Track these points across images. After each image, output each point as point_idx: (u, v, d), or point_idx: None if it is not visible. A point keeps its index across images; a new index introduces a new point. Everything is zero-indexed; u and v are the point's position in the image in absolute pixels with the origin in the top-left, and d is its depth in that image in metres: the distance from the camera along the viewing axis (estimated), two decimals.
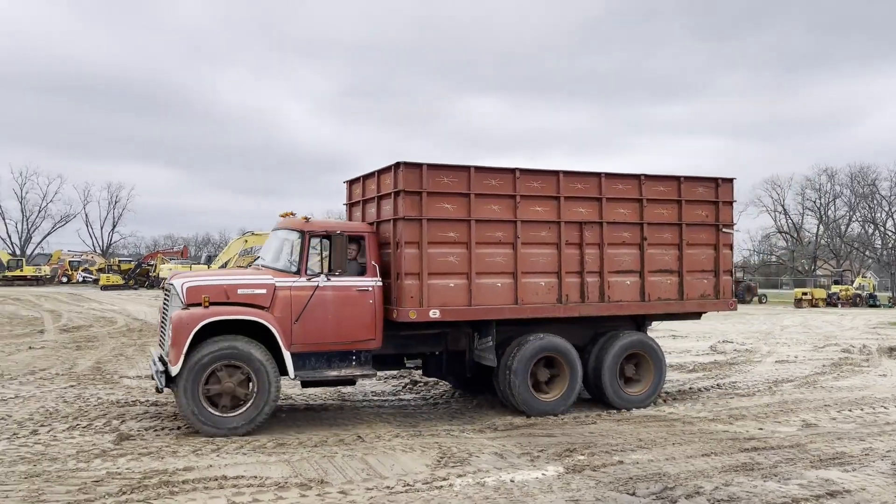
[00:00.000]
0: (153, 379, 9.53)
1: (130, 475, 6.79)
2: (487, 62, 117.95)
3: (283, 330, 8.80)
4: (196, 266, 53.33)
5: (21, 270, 60.17)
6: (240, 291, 8.86)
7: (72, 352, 16.39)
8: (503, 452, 7.87)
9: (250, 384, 8.61)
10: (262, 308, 8.83)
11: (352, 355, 9.24)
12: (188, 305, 8.67)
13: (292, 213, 9.64)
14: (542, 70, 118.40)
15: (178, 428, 8.74)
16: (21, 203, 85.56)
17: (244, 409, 8.59)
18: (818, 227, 77.81)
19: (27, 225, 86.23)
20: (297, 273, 9.08)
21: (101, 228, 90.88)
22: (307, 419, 9.57)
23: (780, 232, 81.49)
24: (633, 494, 6.49)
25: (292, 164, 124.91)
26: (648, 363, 10.59)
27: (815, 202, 77.45)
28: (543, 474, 7.06)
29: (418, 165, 9.31)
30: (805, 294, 44.26)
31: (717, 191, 10.98)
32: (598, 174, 10.27)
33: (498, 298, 9.68)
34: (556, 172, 10.02)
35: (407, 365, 10.37)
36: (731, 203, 11.11)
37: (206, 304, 8.59)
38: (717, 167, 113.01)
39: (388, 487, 6.56)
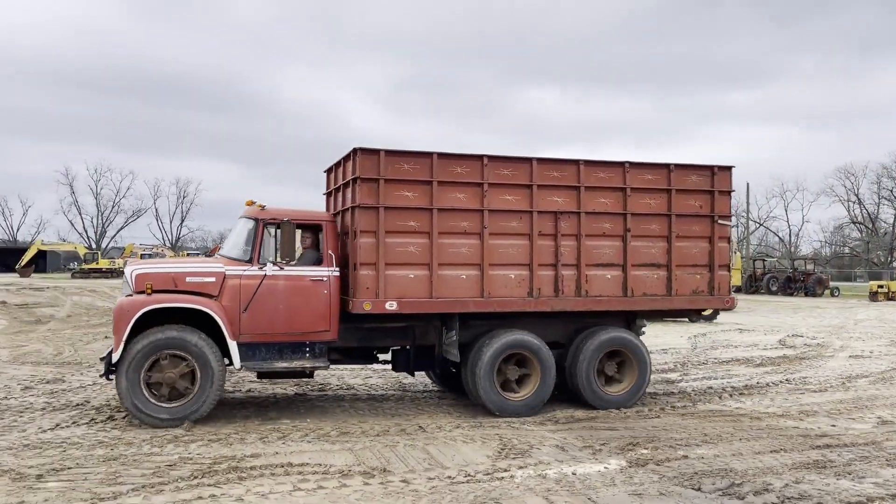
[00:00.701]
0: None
1: (201, 460, 7.00)
2: (547, 51, 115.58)
3: (230, 319, 8.54)
4: None
5: (97, 263, 61.96)
6: (188, 279, 8.64)
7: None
8: (564, 445, 7.79)
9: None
10: (210, 297, 8.59)
11: (305, 347, 8.91)
12: (136, 293, 8.50)
13: (253, 202, 9.36)
14: (603, 58, 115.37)
15: (247, 416, 8.91)
16: (96, 199, 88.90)
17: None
18: (895, 217, 74.25)
19: (102, 220, 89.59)
20: (250, 261, 8.81)
21: (171, 222, 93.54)
22: (369, 408, 9.62)
23: (854, 222, 78.40)
24: (699, 490, 6.32)
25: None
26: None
27: (891, 191, 74.14)
28: (606, 468, 6.97)
29: (375, 151, 8.91)
30: (881, 287, 41.99)
31: (713, 179, 10.21)
32: (576, 161, 9.67)
33: (463, 291, 9.20)
34: (528, 159, 9.47)
35: (380, 359, 10.01)
36: (728, 193, 10.32)
37: (149, 291, 8.39)
38: (786, 156, 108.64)
39: (449, 477, 6.58)
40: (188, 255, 63.30)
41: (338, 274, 9.03)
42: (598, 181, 9.75)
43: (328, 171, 10.71)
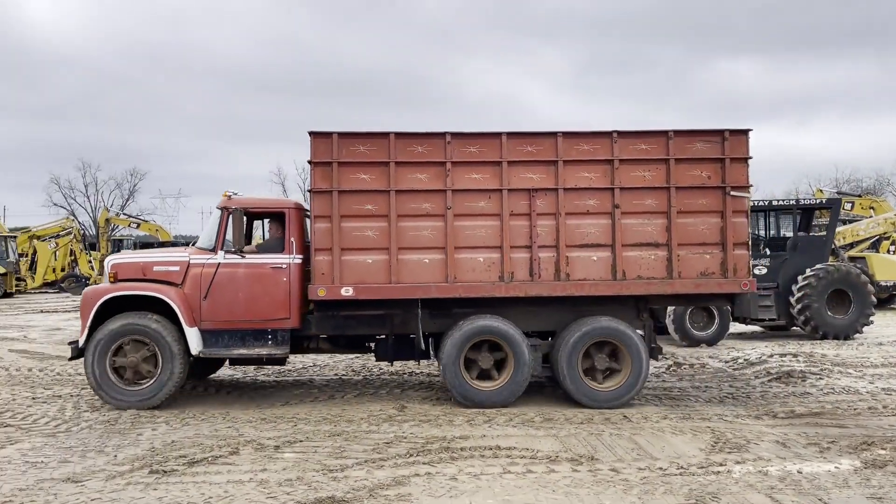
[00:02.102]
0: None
1: (415, 439, 7.38)
2: (741, 19, 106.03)
3: (191, 306, 8.77)
4: None
5: None
6: (155, 269, 8.99)
7: None
8: (786, 441, 7.40)
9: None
10: (175, 285, 8.87)
11: (267, 334, 8.93)
12: (111, 282, 9.00)
13: (228, 193, 9.54)
14: (808, 20, 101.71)
15: (451, 399, 9.15)
16: (303, 196, 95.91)
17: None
18: None
19: None
20: (213, 250, 9.00)
21: None
22: (568, 395, 9.31)
23: None
24: None
25: None
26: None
27: None
28: (836, 468, 6.53)
29: (328, 134, 8.76)
30: None
31: (724, 146, 8.97)
32: (553, 133, 8.91)
33: (426, 276, 8.79)
34: (497, 134, 8.87)
35: (371, 348, 9.80)
36: (744, 160, 9.00)
37: (113, 279, 8.84)
38: None
39: (660, 469, 6.45)
40: None
41: (299, 261, 8.96)
42: (581, 154, 8.92)
43: None
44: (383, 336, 9.52)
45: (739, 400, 9.40)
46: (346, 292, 8.69)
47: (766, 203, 16.88)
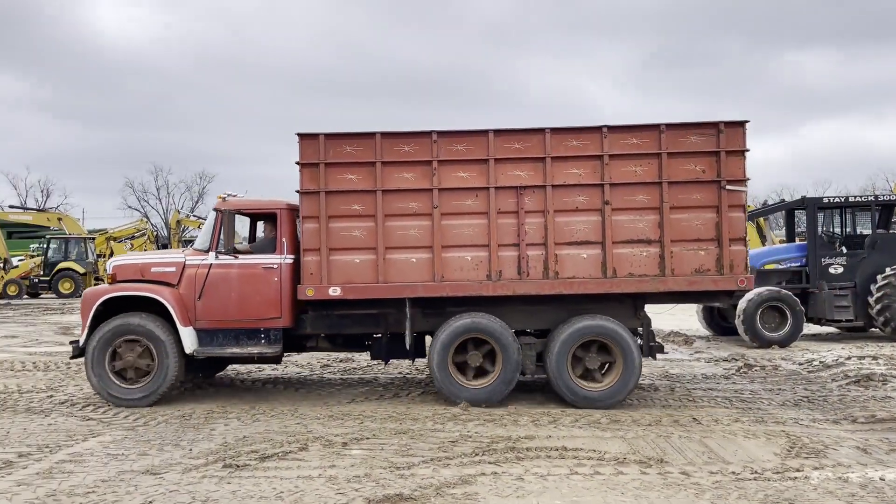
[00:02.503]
0: None
1: (480, 439, 7.39)
2: (812, 9, 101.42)
3: (186, 306, 9.03)
4: None
5: None
6: (153, 269, 9.29)
7: None
8: (867, 447, 7.13)
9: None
10: (171, 285, 9.15)
11: (260, 333, 9.12)
12: (110, 283, 9.36)
13: (224, 195, 9.74)
14: (886, 6, 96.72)
15: (517, 399, 9.15)
16: None
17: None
18: None
19: None
20: (208, 251, 9.23)
21: None
22: (637, 397, 9.44)
23: None
24: None
25: None
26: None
27: None
28: None
29: (315, 135, 8.88)
30: None
31: (720, 138, 8.66)
32: (541, 130, 8.78)
33: (413, 275, 8.81)
34: (485, 132, 8.81)
35: (366, 346, 9.88)
36: (741, 153, 8.66)
37: (110, 280, 9.19)
38: None
39: (733, 473, 6.32)
40: None
41: (290, 261, 9.11)
42: (570, 150, 8.76)
43: None
44: (378, 335, 9.58)
45: (816, 403, 9.01)
46: (334, 292, 8.79)
47: (842, 199, 16.15)
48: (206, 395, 9.78)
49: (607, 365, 8.94)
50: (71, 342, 9.49)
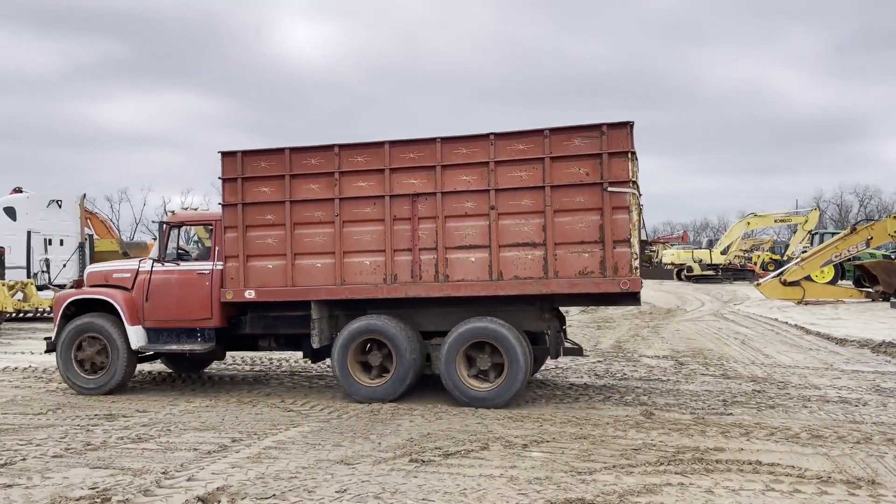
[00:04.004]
0: None
1: (664, 448, 7.08)
2: None
3: (135, 307, 10.18)
4: (697, 251, 51.43)
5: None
6: (114, 276, 10.53)
7: (594, 331, 18.14)
8: None
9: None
10: (126, 289, 10.35)
11: (196, 332, 10.10)
12: (77, 287, 10.73)
13: (184, 207, 10.86)
14: None
15: (701, 408, 8.96)
16: None
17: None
18: None
19: None
20: (158, 259, 10.35)
21: None
22: (843, 412, 8.74)
23: None
24: None
25: (791, 137, 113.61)
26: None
27: None
28: None
29: (234, 153, 9.75)
30: None
31: (603, 140, 8.69)
32: (433, 140, 9.16)
33: (319, 279, 9.47)
34: (381, 144, 9.30)
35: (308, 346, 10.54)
36: (625, 153, 8.60)
37: (76, 285, 10.51)
38: None
39: None
40: None
41: (220, 268, 10.03)
42: (459, 158, 9.09)
43: None
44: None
45: None
46: (249, 295, 9.63)
47: None
48: None
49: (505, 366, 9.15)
50: (45, 338, 10.92)
